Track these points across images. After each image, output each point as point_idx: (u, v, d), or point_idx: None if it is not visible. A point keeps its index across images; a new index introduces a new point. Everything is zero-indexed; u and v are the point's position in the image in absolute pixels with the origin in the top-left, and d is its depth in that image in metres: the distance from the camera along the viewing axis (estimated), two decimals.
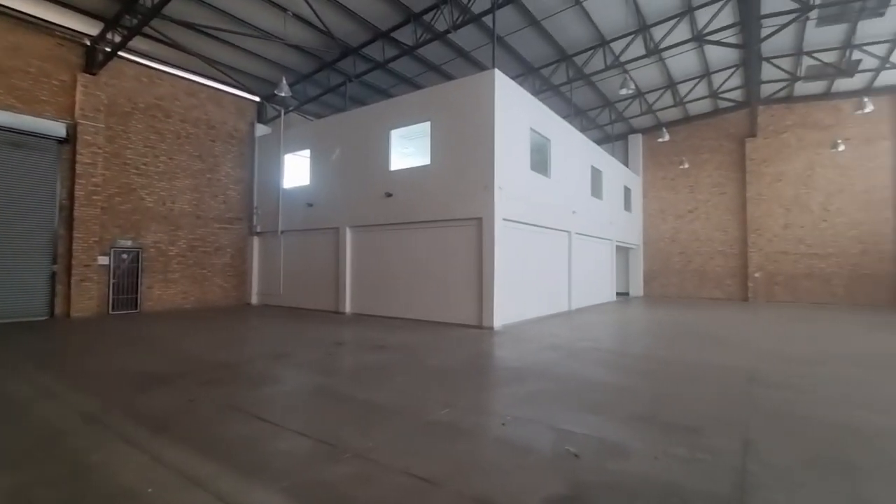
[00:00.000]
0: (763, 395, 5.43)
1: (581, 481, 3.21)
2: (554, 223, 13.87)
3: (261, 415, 4.56)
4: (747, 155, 20.50)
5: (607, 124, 21.71)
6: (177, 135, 14.77)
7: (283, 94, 12.42)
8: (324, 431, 4.14)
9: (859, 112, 15.99)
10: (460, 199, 11.26)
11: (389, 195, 12.66)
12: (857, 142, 18.58)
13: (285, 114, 16.46)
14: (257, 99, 17.03)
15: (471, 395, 5.49)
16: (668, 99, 19.45)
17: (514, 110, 11.74)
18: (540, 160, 13.39)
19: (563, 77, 16.20)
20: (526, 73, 15.84)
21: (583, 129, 19.77)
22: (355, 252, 13.72)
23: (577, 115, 19.87)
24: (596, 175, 17.65)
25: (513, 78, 12.59)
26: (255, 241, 16.69)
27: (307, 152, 15.46)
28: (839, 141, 18.34)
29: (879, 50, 15.36)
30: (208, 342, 8.97)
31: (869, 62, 16.04)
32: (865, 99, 15.71)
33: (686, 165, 21.64)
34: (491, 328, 10.46)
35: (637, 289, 22.76)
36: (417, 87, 16.36)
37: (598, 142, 20.71)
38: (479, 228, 10.93)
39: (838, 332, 11.08)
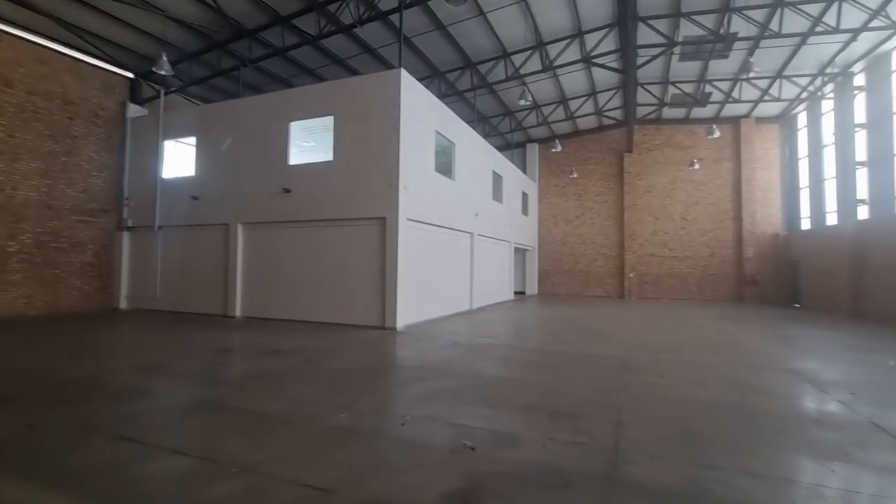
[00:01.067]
0: (633, 381, 6.13)
1: (476, 473, 3.31)
2: (457, 224, 14.25)
3: (128, 435, 3.99)
4: (625, 168, 23.10)
5: (508, 132, 22.91)
6: (20, 108, 12.36)
7: (162, 73, 11.07)
8: (206, 448, 3.75)
9: (710, 137, 18.95)
10: (364, 197, 11.03)
11: (288, 191, 11.95)
12: (708, 162, 21.95)
13: (165, 94, 14.68)
14: (130, 75, 14.96)
15: (371, 396, 5.39)
16: (560, 113, 21.10)
17: (420, 111, 11.83)
18: (444, 162, 13.66)
19: (468, 83, 16.72)
20: (432, 75, 16.07)
21: (486, 136, 20.62)
22: (248, 250, 12.72)
23: (480, 121, 20.65)
24: (497, 180, 18.51)
25: (419, 79, 12.68)
26: (126, 236, 14.64)
27: (192, 139, 13.97)
28: (695, 160, 21.55)
29: (725, 86, 18.30)
30: (58, 354, 7.63)
31: (717, 95, 19.03)
32: (714, 126, 18.67)
33: (575, 175, 23.74)
34: (394, 329, 10.40)
35: (532, 287, 24.34)
36: (320, 79, 15.70)
37: (500, 148, 21.74)
38: (382, 228, 10.81)
39: (692, 323, 12.95)
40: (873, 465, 3.56)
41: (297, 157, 12.37)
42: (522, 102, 15.53)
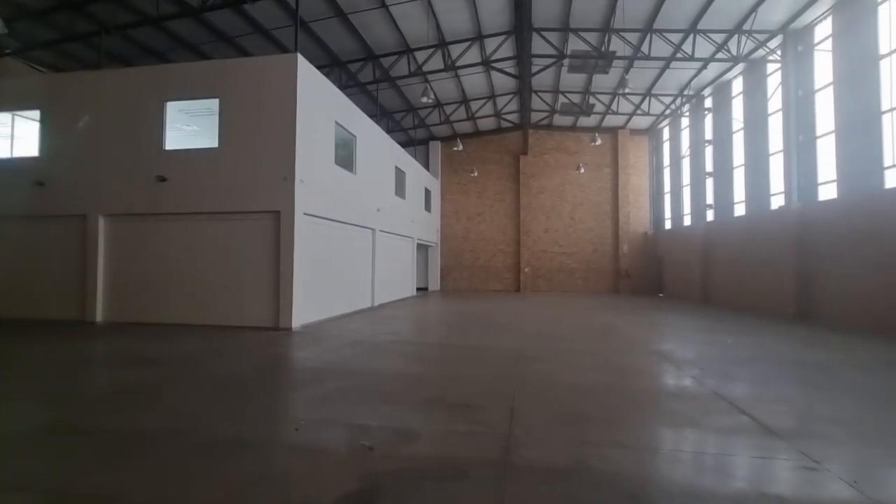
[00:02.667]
0: (526, 369, 6.51)
1: (374, 473, 3.23)
2: (358, 220, 13.89)
3: None
4: (521, 170, 24.54)
5: (411, 128, 22.95)
6: None
7: None
8: (53, 480, 3.15)
9: (593, 144, 20.88)
10: (256, 189, 10.22)
11: (163, 179, 10.61)
12: (591, 167, 24.21)
13: None
14: None
15: (262, 403, 5.00)
16: (462, 113, 21.69)
17: (319, 101, 11.28)
18: (345, 156, 13.23)
19: (370, 76, 16.37)
20: (332, 64, 15.44)
21: (389, 131, 20.41)
22: (112, 245, 11.03)
23: (383, 115, 20.39)
24: (400, 175, 18.44)
25: (318, 67, 12.08)
26: None
27: (36, 113, 11.71)
28: (581, 165, 23.61)
29: (605, 99, 20.31)
30: None
31: (600, 107, 21.06)
32: (596, 134, 20.62)
33: (475, 174, 24.64)
34: (289, 329, 9.82)
35: (435, 283, 24.75)
36: (204, 56, 14.20)
37: (403, 144, 21.71)
38: (276, 222, 10.11)
39: (577, 314, 14.20)
40: (715, 428, 4.19)
41: (175, 141, 11.05)
42: (425, 100, 15.65)
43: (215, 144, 10.51)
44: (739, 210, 16.58)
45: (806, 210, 12.74)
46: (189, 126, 12.38)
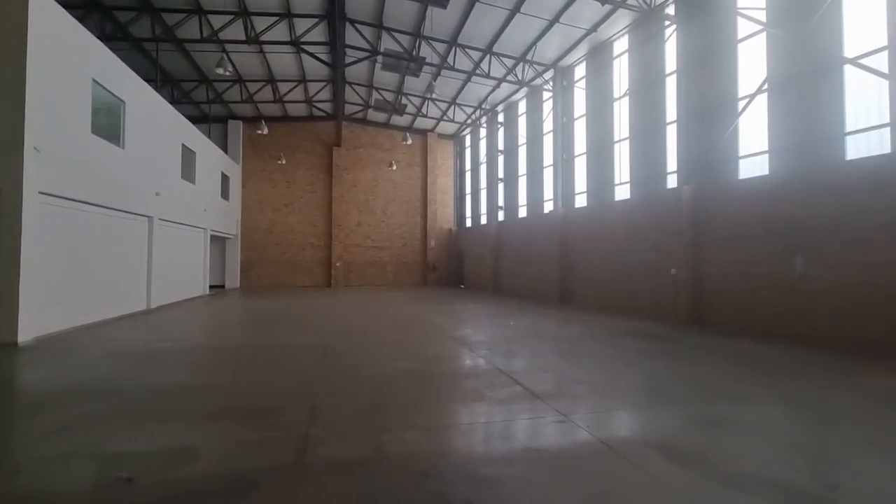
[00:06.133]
0: (332, 364, 6.34)
1: None
2: (129, 205, 11.37)
3: None
4: (334, 161, 23.95)
5: (205, 102, 19.97)
6: None
7: None
8: None
9: (404, 143, 21.78)
10: None
11: None
12: (403, 165, 25.21)
13: None
14: None
15: None
16: (268, 93, 19.90)
17: (67, 49, 8.77)
18: (110, 125, 10.67)
19: (148, 32, 13.56)
20: (89, 7, 12.24)
21: (174, 101, 17.34)
22: None
23: (167, 83, 17.24)
24: (188, 155, 15.84)
25: (68, 8, 9.36)
26: None
27: None
28: (393, 162, 24.37)
29: (417, 101, 21.37)
30: None
31: (411, 108, 22.04)
32: (408, 134, 21.56)
33: (283, 161, 23.00)
34: (14, 344, 7.38)
35: (234, 280, 22.21)
36: None
37: (194, 119, 18.68)
38: None
39: (386, 306, 14.61)
40: (497, 399, 4.80)
41: None
42: (221, 71, 13.79)
43: None
44: (523, 212, 19.58)
45: (567, 215, 15.82)
46: None
